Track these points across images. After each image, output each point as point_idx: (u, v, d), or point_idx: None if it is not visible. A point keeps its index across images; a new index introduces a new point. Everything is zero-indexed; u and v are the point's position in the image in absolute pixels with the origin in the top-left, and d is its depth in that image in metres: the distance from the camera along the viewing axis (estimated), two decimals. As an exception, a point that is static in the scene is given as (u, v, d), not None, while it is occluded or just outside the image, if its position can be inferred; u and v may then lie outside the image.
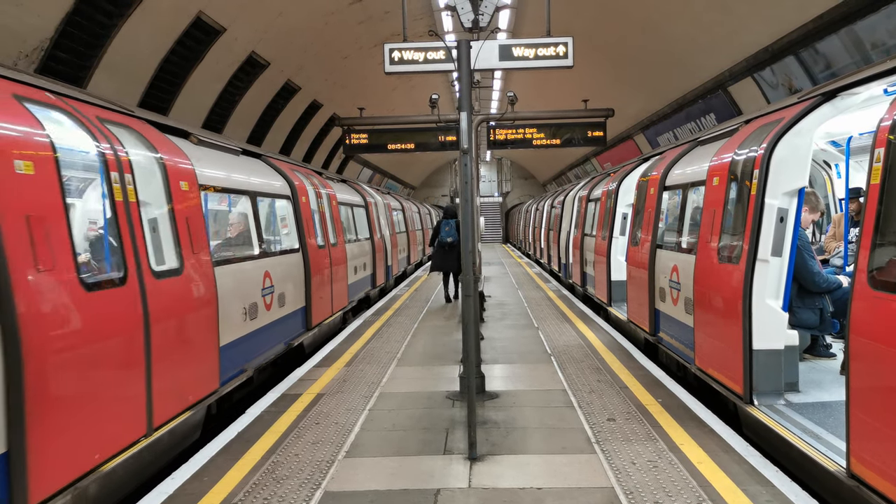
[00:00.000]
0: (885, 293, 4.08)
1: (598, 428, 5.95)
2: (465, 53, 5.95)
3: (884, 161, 4.23)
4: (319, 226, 11.59)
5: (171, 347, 5.85)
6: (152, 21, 9.04)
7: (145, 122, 6.65)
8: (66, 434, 4.39)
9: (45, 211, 4.46)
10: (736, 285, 6.16)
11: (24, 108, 4.64)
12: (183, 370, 6.10)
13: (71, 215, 4.77)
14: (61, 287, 4.48)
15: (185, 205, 6.50)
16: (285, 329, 9.26)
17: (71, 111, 5.26)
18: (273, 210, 10.06)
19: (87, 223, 5.76)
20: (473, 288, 5.93)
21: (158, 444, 5.59)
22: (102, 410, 4.85)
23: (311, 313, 10.38)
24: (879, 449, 4.08)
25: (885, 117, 4.31)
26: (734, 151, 6.86)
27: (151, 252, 5.77)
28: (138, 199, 5.71)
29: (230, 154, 8.84)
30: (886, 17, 7.32)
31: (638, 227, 10.13)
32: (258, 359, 8.12)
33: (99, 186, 5.41)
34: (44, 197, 4.51)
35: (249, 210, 8.68)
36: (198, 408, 6.35)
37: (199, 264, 6.55)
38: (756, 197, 6.05)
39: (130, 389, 5.22)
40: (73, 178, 5.38)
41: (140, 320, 5.35)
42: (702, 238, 7.23)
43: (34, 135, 4.57)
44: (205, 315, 6.58)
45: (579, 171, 30.37)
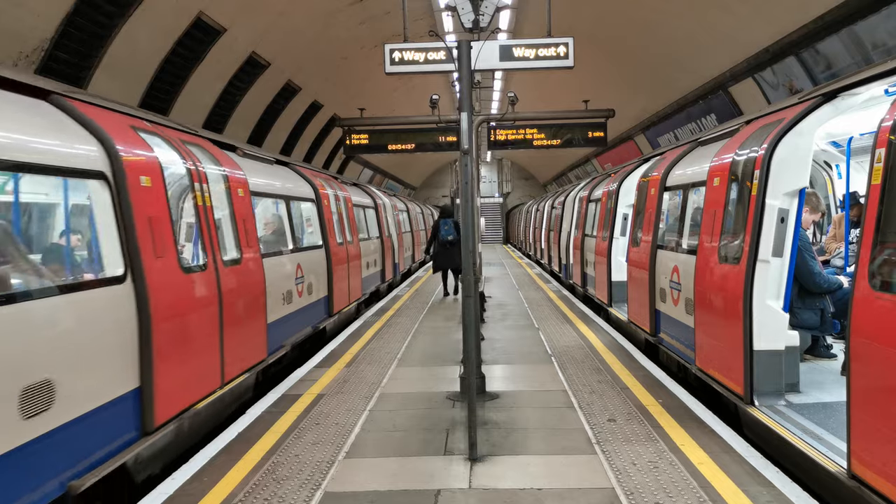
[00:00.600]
0: (886, 294, 4.08)
1: (598, 429, 5.95)
2: (465, 54, 5.94)
3: (884, 161, 4.22)
4: (338, 225, 12.95)
5: (236, 321, 7.23)
6: (153, 21, 9.04)
7: (208, 141, 8.01)
8: (174, 378, 5.82)
9: (158, 213, 5.84)
10: (736, 286, 6.15)
11: (139, 136, 6.04)
12: (243, 339, 7.49)
13: (172, 216, 6.12)
14: (170, 270, 5.88)
15: (241, 208, 7.92)
16: (313, 314, 10.65)
17: (164, 136, 6.62)
18: (302, 211, 11.31)
19: (181, 222, 6.80)
20: (474, 288, 5.93)
21: (226, 397, 6.98)
22: (194, 363, 6.26)
23: (333, 301, 11.82)
24: (880, 450, 4.07)
25: (885, 118, 4.30)
26: (735, 152, 6.85)
27: (221, 245, 7.15)
28: (211, 204, 7.10)
29: (267, 164, 10.32)
30: (887, 17, 7.32)
31: (638, 228, 10.13)
32: (293, 337, 9.47)
33: (187, 194, 6.77)
34: (157, 203, 5.88)
35: (285, 212, 10.16)
36: (252, 372, 7.69)
37: (252, 256, 7.97)
38: (757, 197, 6.04)
39: (211, 350, 6.64)
40: (173, 188, 6.48)
41: (216, 298, 6.76)
42: (702, 238, 7.23)
43: (149, 156, 5.99)
44: (257, 297, 8.00)
45: (580, 172, 30.38)
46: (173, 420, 5.78)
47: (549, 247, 23.12)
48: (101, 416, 4.88)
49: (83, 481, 4.59)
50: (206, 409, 6.46)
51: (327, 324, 11.27)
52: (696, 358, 7.22)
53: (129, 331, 5.29)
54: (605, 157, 23.90)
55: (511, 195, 49.26)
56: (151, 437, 5.46)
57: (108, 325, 5.06)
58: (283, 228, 10.08)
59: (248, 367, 7.56)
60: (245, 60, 12.10)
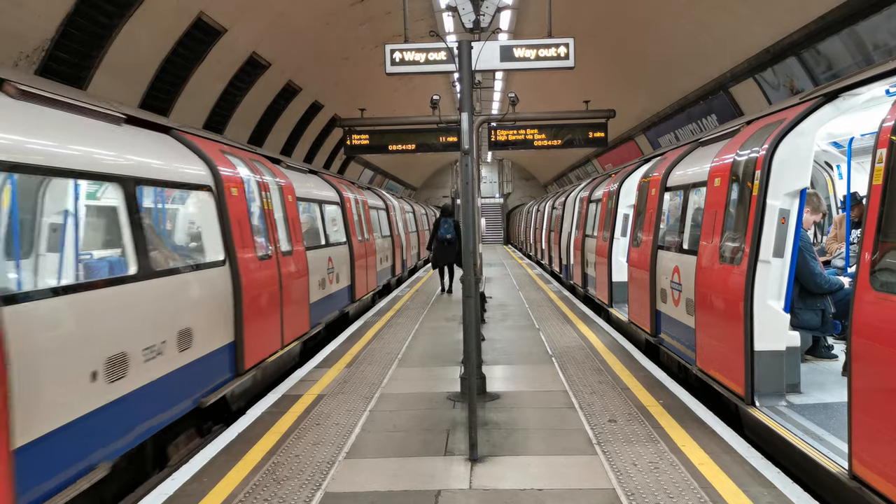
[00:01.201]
0: (887, 294, 4.07)
1: (599, 429, 5.94)
2: (466, 54, 5.94)
3: (886, 162, 4.22)
4: (358, 225, 14.98)
5: (290, 299, 9.25)
6: (153, 22, 9.04)
7: (264, 157, 10.17)
8: (254, 337, 7.84)
9: (242, 215, 7.85)
10: (737, 286, 6.14)
11: (226, 158, 8.07)
12: (295, 314, 9.51)
13: (250, 217, 8.12)
14: (251, 258, 7.91)
15: (291, 210, 9.93)
16: (340, 299, 12.70)
17: (239, 156, 8.70)
18: (330, 213, 13.28)
19: (255, 221, 8.42)
20: (474, 289, 5.92)
21: (284, 357, 9.05)
22: (266, 328, 8.29)
23: (355, 290, 13.90)
24: (881, 450, 4.07)
25: (887, 118, 4.30)
26: (736, 152, 6.85)
27: (279, 240, 9.12)
28: (272, 207, 9.06)
29: (302, 173, 12.54)
30: (888, 17, 7.31)
31: (639, 228, 10.12)
32: (326, 317, 11.54)
33: (257, 200, 8.68)
34: (241, 208, 7.87)
35: (318, 213, 12.29)
36: (299, 341, 9.69)
37: (300, 249, 10.02)
38: (758, 198, 6.04)
39: (275, 319, 8.67)
40: (249, 196, 8.36)
41: (277, 280, 8.76)
42: (703, 239, 7.22)
43: (234, 173, 8.03)
44: (303, 281, 10.02)
45: (580, 173, 30.37)
46: (253, 369, 7.82)
47: (550, 247, 23.11)
48: (214, 358, 6.90)
49: (207, 400, 6.65)
50: (271, 365, 8.53)
51: (350, 308, 13.43)
52: (697, 358, 7.22)
53: (228, 300, 7.27)
54: (606, 157, 23.89)
55: (512, 196, 49.24)
56: (241, 379, 7.46)
57: (216, 294, 7.05)
58: (317, 227, 12.11)
59: (297, 336, 9.65)
60: (245, 61, 12.09)
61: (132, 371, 5.33)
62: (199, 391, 6.58)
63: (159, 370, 5.78)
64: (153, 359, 5.67)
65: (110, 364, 5.04)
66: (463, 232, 6.13)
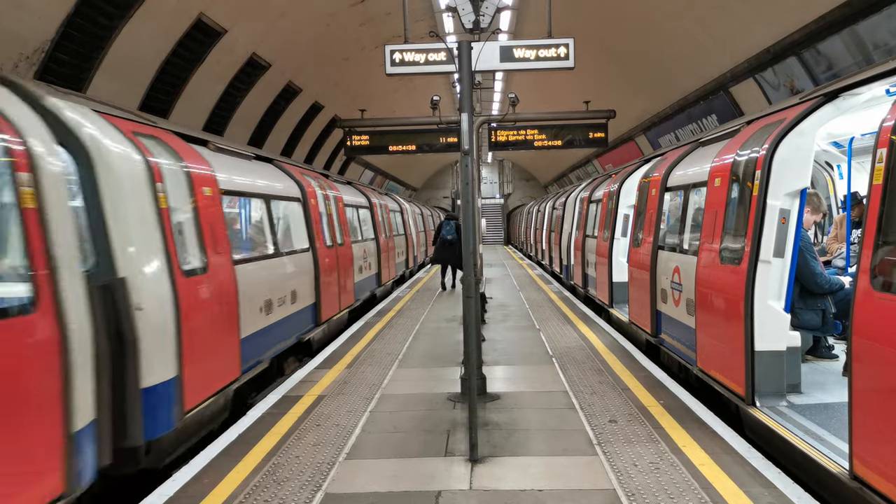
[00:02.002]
0: (888, 294, 4.07)
1: (599, 430, 5.94)
2: (465, 55, 5.93)
3: (886, 161, 4.21)
4: (383, 225, 18.45)
5: (344, 277, 12.67)
6: (153, 23, 9.04)
7: (320, 174, 13.78)
8: (327, 300, 11.02)
9: (317, 218, 11.09)
10: (738, 286, 6.13)
11: (306, 178, 11.39)
12: (346, 289, 12.82)
13: (321, 219, 11.40)
14: (324, 247, 11.18)
15: (342, 214, 13.38)
16: (370, 283, 15.85)
17: (311, 174, 12.18)
18: (364, 216, 16.51)
19: (325, 222, 11.71)
20: (475, 289, 5.92)
21: (339, 319, 12.26)
22: (333, 295, 11.57)
23: (381, 277, 17.13)
24: (882, 451, 4.07)
25: (887, 118, 4.29)
26: (736, 152, 6.84)
27: (337, 234, 12.48)
28: (332, 212, 12.41)
29: (342, 184, 16.02)
30: (888, 17, 7.31)
31: (639, 229, 10.12)
32: (363, 295, 14.70)
33: (324, 207, 11.76)
34: (316, 213, 11.10)
35: (356, 215, 15.38)
36: (348, 309, 12.91)
37: (348, 242, 13.30)
38: (758, 198, 6.03)
39: (336, 290, 11.90)
40: (321, 204, 11.64)
41: (336, 263, 11.96)
42: (703, 239, 7.22)
43: (311, 187, 11.33)
44: (351, 266, 13.37)
45: (581, 173, 30.37)
46: (324, 323, 11.05)
47: (550, 248, 23.10)
48: (305, 311, 10.06)
49: (303, 337, 9.95)
50: (334, 323, 11.84)
51: (377, 290, 16.73)
52: (698, 359, 7.21)
53: (311, 274, 10.49)
54: (607, 157, 23.89)
55: (512, 196, 49.26)
56: (319, 328, 10.75)
57: (306, 269, 10.22)
58: (356, 226, 15.20)
59: (347, 305, 12.87)
60: (246, 62, 12.10)
61: (275, 310, 8.54)
62: (299, 332, 9.76)
63: (284, 313, 8.98)
64: (282, 305, 8.83)
65: (267, 304, 8.22)
66: (463, 232, 6.13)
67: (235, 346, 7.14)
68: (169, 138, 6.75)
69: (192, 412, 6.03)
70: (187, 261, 6.22)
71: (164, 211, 5.91)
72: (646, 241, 9.57)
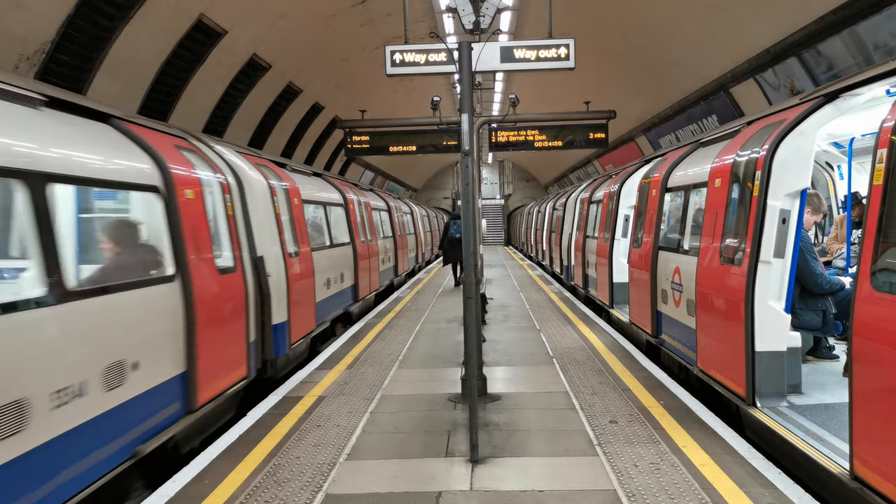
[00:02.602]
0: (888, 294, 4.07)
1: (600, 430, 5.94)
2: (466, 55, 5.94)
3: (886, 162, 4.22)
4: (399, 226, 22.00)
5: (373, 267, 15.56)
6: (153, 24, 9.04)
7: (354, 185, 17.69)
8: (363, 281, 14.22)
9: (355, 219, 14.25)
10: (738, 287, 6.13)
11: (346, 189, 14.74)
12: (375, 275, 15.79)
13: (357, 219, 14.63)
14: (361, 241, 14.40)
15: (370, 216, 16.45)
16: (391, 272, 19.07)
17: (349, 185, 16.23)
18: (383, 218, 19.49)
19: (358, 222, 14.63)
20: (475, 290, 5.92)
21: (368, 300, 14.91)
22: (367, 277, 14.62)
23: (398, 268, 20.38)
24: (882, 451, 4.07)
25: (887, 118, 4.29)
26: (736, 153, 6.84)
27: (372, 231, 16.11)
28: (363, 215, 15.34)
29: (368, 191, 19.39)
30: (888, 18, 7.31)
31: (640, 229, 10.12)
32: (385, 281, 17.64)
33: (358, 211, 14.66)
34: (354, 216, 14.31)
35: (378, 217, 18.25)
36: (374, 293, 15.53)
37: (374, 239, 16.36)
38: (758, 198, 6.03)
39: (367, 277, 14.73)
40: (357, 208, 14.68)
41: (368, 253, 14.98)
42: (704, 240, 7.21)
43: (351, 197, 14.59)
44: (377, 258, 16.25)
45: (581, 174, 30.36)
46: (360, 300, 13.80)
47: (551, 248, 23.10)
48: (347, 291, 12.67)
49: (348, 308, 12.81)
50: (364, 302, 14.38)
51: (396, 280, 19.95)
52: (698, 359, 7.21)
53: (350, 261, 13.18)
54: (607, 158, 23.88)
55: (512, 197, 49.25)
56: (356, 304, 13.39)
57: (346, 258, 12.77)
58: (379, 227, 18.07)
59: (374, 290, 15.69)
60: (246, 63, 12.10)
61: (332, 286, 11.40)
62: (345, 306, 12.57)
63: (337, 289, 11.90)
64: (336, 283, 11.74)
65: (327, 281, 11.11)
66: (464, 233, 6.13)
67: (313, 307, 10.25)
68: (271, 165, 9.92)
69: (293, 346, 9.06)
70: (289, 247, 9.17)
71: (277, 215, 8.88)
72: (646, 242, 9.57)
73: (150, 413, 5.43)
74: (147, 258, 5.98)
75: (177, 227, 6.04)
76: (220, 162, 7.74)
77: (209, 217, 6.87)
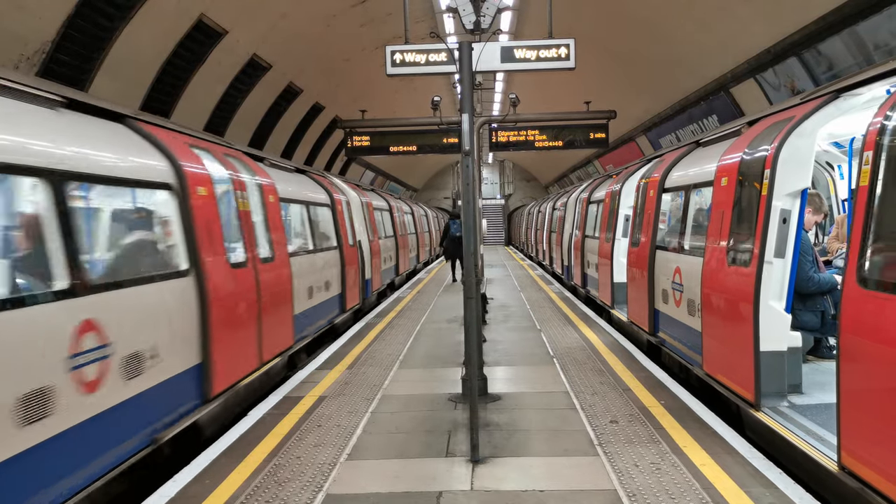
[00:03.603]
0: (875, 291, 4.15)
1: (600, 430, 5.94)
2: (466, 55, 5.94)
3: (871, 164, 4.26)
4: (413, 225, 26.48)
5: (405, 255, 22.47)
6: (154, 23, 9.05)
7: (378, 194, 21.61)
8: (403, 261, 21.95)
9: (396, 220, 21.81)
10: (747, 289, 6.05)
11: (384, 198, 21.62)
12: (404, 262, 21.91)
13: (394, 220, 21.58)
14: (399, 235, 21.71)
15: (401, 217, 23.01)
16: (391, 272, 19.87)
17: (381, 193, 22.91)
18: (407, 219, 23.39)
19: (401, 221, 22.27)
20: (476, 290, 5.92)
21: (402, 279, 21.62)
22: (395, 262, 20.63)
23: (399, 267, 21.37)
24: (867, 442, 4.24)
25: (873, 121, 4.36)
26: (744, 151, 6.72)
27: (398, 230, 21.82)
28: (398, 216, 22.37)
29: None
30: (888, 17, 7.31)
31: (638, 229, 10.11)
32: (386, 280, 18.44)
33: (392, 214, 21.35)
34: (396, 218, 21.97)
35: (403, 219, 22.66)
36: (383, 286, 17.41)
37: (404, 234, 22.76)
38: (767, 198, 5.94)
39: (392, 264, 19.96)
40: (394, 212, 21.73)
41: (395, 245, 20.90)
42: (710, 240, 7.14)
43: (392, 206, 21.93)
44: (407, 249, 22.92)
45: (582, 173, 30.36)
46: (405, 272, 21.84)
47: (551, 248, 23.10)
48: (390, 270, 19.23)
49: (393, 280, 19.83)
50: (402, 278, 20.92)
51: (396, 279, 20.91)
52: (704, 362, 7.17)
53: (393, 248, 19.93)
54: (607, 158, 23.88)
55: (513, 197, 49.23)
56: (399, 276, 20.70)
57: (390, 247, 19.71)
58: (404, 224, 22.13)
59: (384, 285, 17.77)
60: (246, 63, 12.11)
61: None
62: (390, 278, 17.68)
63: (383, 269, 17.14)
64: (387, 264, 16.85)
65: (378, 263, 15.92)
66: (464, 233, 6.13)
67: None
68: (324, 181, 13.38)
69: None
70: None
71: (339, 214, 12.71)
72: (643, 242, 9.56)
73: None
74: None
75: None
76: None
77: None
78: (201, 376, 6.32)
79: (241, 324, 7.22)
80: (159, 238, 6.31)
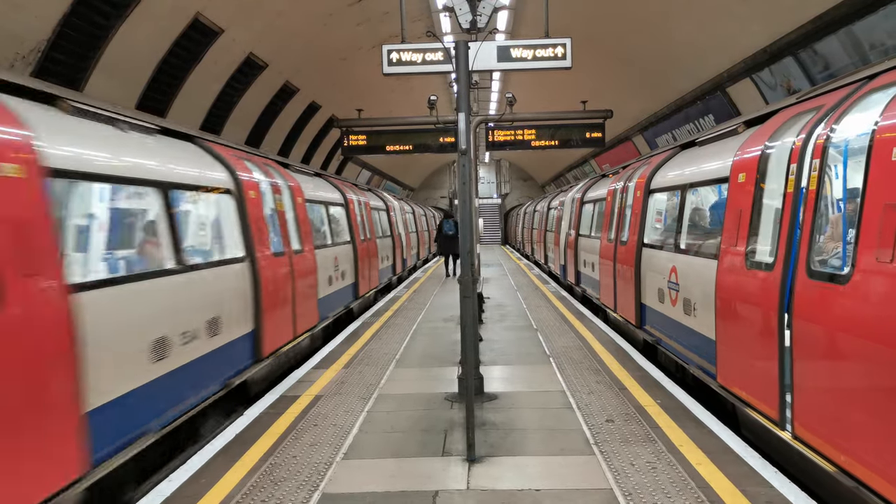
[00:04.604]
0: (817, 281, 4.70)
1: (596, 429, 5.94)
2: (463, 54, 5.94)
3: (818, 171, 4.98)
4: (415, 224, 28.23)
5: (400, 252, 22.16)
6: (150, 22, 9.02)
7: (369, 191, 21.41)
8: (407, 256, 24.22)
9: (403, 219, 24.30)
10: (772, 296, 5.40)
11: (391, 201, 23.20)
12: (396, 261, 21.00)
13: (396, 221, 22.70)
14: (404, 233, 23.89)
15: (406, 217, 25.39)
16: (392, 269, 20.46)
17: (384, 197, 23.15)
18: (410, 219, 24.73)
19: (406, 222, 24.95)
20: (472, 289, 5.92)
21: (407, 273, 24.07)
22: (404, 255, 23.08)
23: (406, 262, 23.47)
24: (813, 412, 4.78)
25: (819, 133, 4.69)
26: (764, 144, 6.11)
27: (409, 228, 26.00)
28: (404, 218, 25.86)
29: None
30: (884, 17, 7.32)
31: (625, 228, 10.19)
32: (415, 261, 25.40)
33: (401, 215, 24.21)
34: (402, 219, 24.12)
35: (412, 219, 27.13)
36: (386, 280, 18.42)
37: (414, 231, 27.12)
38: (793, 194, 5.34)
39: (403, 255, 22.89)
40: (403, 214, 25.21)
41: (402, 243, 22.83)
42: (725, 242, 6.49)
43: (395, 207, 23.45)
44: (377, 256, 17.19)
45: (578, 173, 30.38)
46: (409, 267, 24.13)
47: (547, 248, 23.12)
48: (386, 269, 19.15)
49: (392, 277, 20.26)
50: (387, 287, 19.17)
51: (398, 276, 21.84)
52: (718, 374, 6.56)
53: (390, 247, 19.76)
54: (604, 157, 23.90)
55: (509, 196, 49.18)
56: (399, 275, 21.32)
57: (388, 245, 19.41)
58: (389, 226, 21.00)
59: (386, 280, 18.69)
60: (243, 61, 12.08)
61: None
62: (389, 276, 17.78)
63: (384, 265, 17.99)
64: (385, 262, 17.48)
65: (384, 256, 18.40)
66: (460, 232, 6.13)
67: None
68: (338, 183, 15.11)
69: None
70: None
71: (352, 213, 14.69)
72: (631, 240, 9.63)
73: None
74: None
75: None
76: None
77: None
78: (255, 340, 7.92)
79: (281, 301, 8.82)
80: (227, 232, 7.92)
